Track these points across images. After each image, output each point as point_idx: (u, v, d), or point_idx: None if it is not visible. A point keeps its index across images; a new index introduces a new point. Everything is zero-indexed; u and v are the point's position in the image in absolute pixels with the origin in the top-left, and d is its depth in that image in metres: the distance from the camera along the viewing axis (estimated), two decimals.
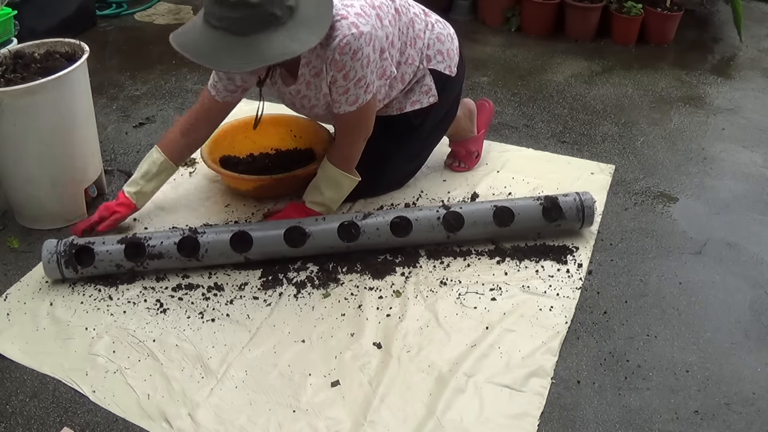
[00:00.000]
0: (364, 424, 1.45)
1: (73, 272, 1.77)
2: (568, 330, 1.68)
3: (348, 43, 1.68)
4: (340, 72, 1.73)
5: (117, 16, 3.69)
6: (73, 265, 1.76)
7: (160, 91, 2.89)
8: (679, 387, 1.55)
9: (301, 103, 1.94)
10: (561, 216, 1.91)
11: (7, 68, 1.92)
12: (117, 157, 2.40)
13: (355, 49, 1.69)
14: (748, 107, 2.81)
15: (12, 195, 2.03)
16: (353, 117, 1.84)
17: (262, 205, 2.11)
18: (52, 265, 1.75)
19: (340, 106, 1.82)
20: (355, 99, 1.79)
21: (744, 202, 2.19)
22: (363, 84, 1.77)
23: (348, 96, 1.79)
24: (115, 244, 1.80)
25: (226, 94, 1.91)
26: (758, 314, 1.76)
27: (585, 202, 1.93)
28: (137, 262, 1.79)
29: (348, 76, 1.74)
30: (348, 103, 1.80)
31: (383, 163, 2.06)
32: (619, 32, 3.38)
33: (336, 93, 1.79)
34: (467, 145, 2.27)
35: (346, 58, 1.70)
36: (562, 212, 1.91)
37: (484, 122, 2.33)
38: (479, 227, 1.90)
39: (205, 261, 1.82)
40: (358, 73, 1.74)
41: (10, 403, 1.51)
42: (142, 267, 1.80)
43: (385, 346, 1.63)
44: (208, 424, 1.45)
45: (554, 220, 1.91)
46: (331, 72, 1.74)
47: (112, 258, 1.78)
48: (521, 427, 1.45)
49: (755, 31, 3.58)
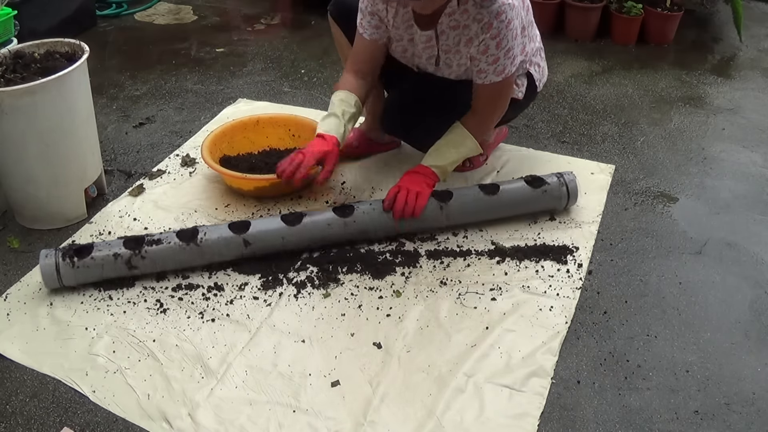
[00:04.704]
0: (364, 424, 1.45)
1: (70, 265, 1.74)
2: (568, 330, 1.68)
3: (504, 11, 1.74)
4: (494, 39, 1.77)
5: (117, 16, 3.69)
6: (70, 257, 1.74)
7: (160, 91, 2.89)
8: (679, 387, 1.55)
9: (421, 52, 1.94)
10: (544, 182, 2.01)
11: (7, 68, 1.92)
12: (117, 157, 2.40)
13: (509, 18, 1.76)
14: (748, 107, 2.81)
15: (12, 195, 2.03)
16: (497, 88, 1.87)
17: (262, 205, 2.11)
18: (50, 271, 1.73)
19: (486, 76, 1.85)
20: (503, 69, 1.83)
21: (744, 202, 2.19)
22: (511, 55, 1.82)
23: (497, 66, 1.82)
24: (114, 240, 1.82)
25: (372, 31, 1.92)
26: (758, 314, 1.76)
27: (566, 176, 2.04)
28: (135, 250, 1.77)
29: (500, 44, 1.78)
30: (495, 73, 1.83)
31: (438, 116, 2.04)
32: (619, 32, 3.38)
33: (485, 62, 1.82)
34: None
35: (501, 25, 1.75)
36: (544, 180, 2.01)
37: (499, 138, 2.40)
38: (469, 197, 1.98)
39: (204, 246, 1.81)
40: (509, 43, 1.79)
41: (10, 403, 1.51)
42: (140, 255, 1.78)
43: (385, 346, 1.63)
44: (208, 424, 1.45)
45: (539, 186, 2.00)
46: (482, 37, 1.78)
47: (111, 247, 1.78)
48: (521, 427, 1.45)
49: (755, 31, 3.58)
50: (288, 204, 2.11)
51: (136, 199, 2.16)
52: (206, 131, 2.49)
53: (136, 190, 2.20)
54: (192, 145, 2.44)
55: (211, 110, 2.72)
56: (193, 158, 2.35)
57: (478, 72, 1.86)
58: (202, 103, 2.78)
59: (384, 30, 1.92)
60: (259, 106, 2.72)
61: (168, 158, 2.38)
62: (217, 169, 2.09)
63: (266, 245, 1.85)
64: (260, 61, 3.18)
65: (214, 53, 3.27)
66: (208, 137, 2.23)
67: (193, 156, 2.37)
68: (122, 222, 2.05)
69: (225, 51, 3.30)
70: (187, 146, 2.45)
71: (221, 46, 3.35)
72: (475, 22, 1.78)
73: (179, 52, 3.27)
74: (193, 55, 3.24)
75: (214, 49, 3.31)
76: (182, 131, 2.57)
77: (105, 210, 2.11)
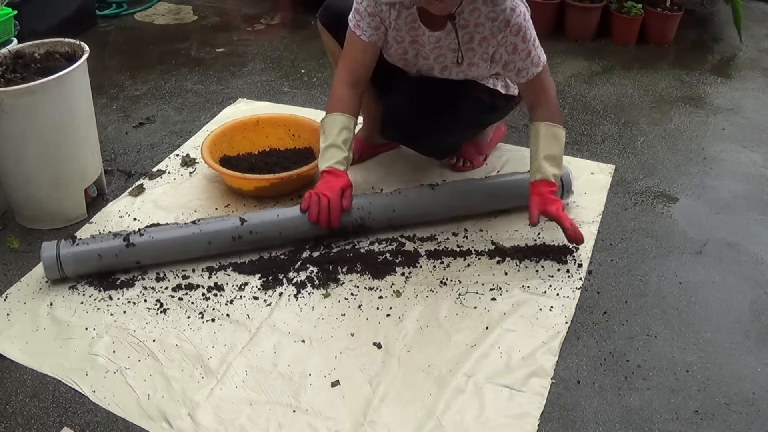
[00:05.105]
0: (364, 424, 1.45)
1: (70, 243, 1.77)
2: (568, 330, 1.68)
3: (517, 5, 1.77)
4: (518, 35, 1.79)
5: (117, 16, 3.69)
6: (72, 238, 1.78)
7: (160, 91, 2.89)
8: (679, 387, 1.55)
9: (428, 53, 1.92)
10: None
11: (7, 68, 1.92)
12: (117, 157, 2.40)
13: (523, 11, 1.79)
14: (748, 107, 2.81)
15: (12, 195, 2.03)
16: (541, 78, 1.88)
17: (262, 205, 2.11)
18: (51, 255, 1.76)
19: (528, 72, 1.85)
20: (538, 59, 1.85)
21: (744, 202, 2.19)
22: (537, 44, 1.84)
23: (532, 57, 1.83)
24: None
25: (371, 32, 1.89)
26: (758, 314, 1.76)
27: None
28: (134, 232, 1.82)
29: (526, 37, 1.80)
30: (534, 64, 1.85)
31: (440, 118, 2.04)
32: (619, 32, 3.38)
33: (521, 60, 1.83)
34: (479, 146, 2.28)
35: (519, 19, 1.78)
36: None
37: (498, 136, 2.39)
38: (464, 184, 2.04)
39: (202, 225, 1.84)
40: (532, 33, 1.82)
41: (10, 403, 1.51)
42: (138, 233, 1.81)
43: (385, 346, 1.63)
44: (208, 424, 1.45)
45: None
46: (500, 36, 1.79)
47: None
48: (521, 427, 1.45)
49: (755, 31, 3.58)
50: (288, 204, 2.11)
51: (136, 199, 2.16)
52: (206, 131, 2.49)
53: (136, 190, 2.20)
54: (192, 145, 2.44)
55: (211, 110, 2.72)
56: (193, 158, 2.35)
57: (518, 72, 1.85)
58: (202, 103, 2.78)
59: (382, 31, 1.91)
60: (259, 106, 2.72)
61: (168, 158, 2.38)
62: (217, 169, 2.09)
63: (264, 225, 1.87)
64: (260, 61, 3.18)
65: (214, 53, 3.27)
66: (208, 137, 2.23)
67: (193, 156, 2.37)
68: (122, 222, 2.05)
69: (225, 51, 3.30)
70: (187, 146, 2.45)
71: (221, 46, 3.35)
72: (488, 21, 1.78)
73: (179, 52, 3.27)
74: (193, 55, 3.24)
75: (214, 49, 3.31)
76: (182, 131, 2.57)
77: (105, 210, 2.11)
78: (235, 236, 1.85)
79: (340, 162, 1.89)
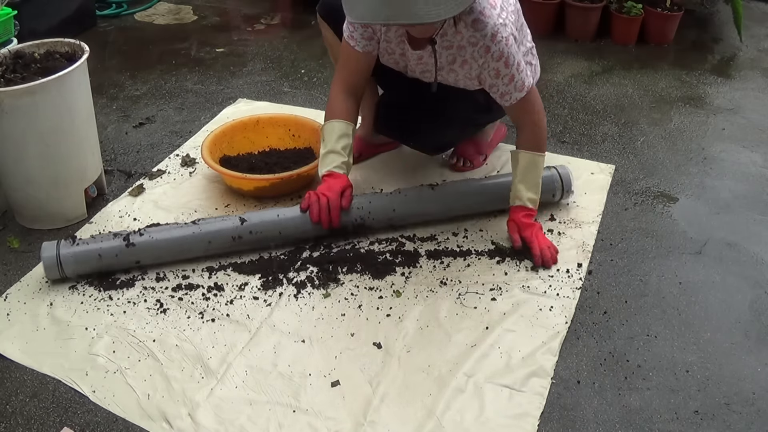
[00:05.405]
0: (364, 424, 1.45)
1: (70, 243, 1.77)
2: (568, 330, 1.69)
3: (498, 32, 1.74)
4: (500, 60, 1.77)
5: (117, 16, 3.69)
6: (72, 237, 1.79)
7: (160, 91, 2.89)
8: (679, 387, 1.55)
9: (414, 66, 1.93)
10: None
11: (7, 68, 1.92)
12: (117, 157, 2.40)
13: (505, 36, 1.75)
14: (748, 107, 2.81)
15: (12, 195, 2.03)
16: (527, 101, 1.86)
17: (262, 205, 2.11)
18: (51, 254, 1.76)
19: (511, 96, 1.84)
20: (522, 83, 1.82)
21: (744, 202, 2.19)
22: (521, 68, 1.81)
23: (515, 82, 1.81)
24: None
25: (365, 43, 1.89)
26: (758, 314, 1.76)
27: (558, 168, 2.07)
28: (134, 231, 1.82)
29: (508, 62, 1.78)
30: (517, 89, 1.82)
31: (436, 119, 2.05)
32: (619, 32, 3.38)
33: (503, 84, 1.82)
34: (479, 146, 2.28)
35: (501, 45, 1.75)
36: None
37: (498, 137, 2.39)
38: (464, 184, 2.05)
39: (201, 224, 1.84)
40: (515, 58, 1.78)
41: (10, 403, 1.51)
42: (138, 232, 1.81)
43: (385, 346, 1.63)
44: (208, 424, 1.45)
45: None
46: (481, 61, 1.78)
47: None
48: (521, 427, 1.45)
49: (755, 31, 3.58)
50: (288, 204, 2.11)
51: (136, 199, 2.16)
52: (206, 131, 2.49)
53: (136, 190, 2.20)
54: (192, 145, 2.44)
55: (211, 110, 2.72)
56: (193, 158, 2.35)
57: (501, 96, 1.85)
58: (202, 103, 2.78)
59: (376, 41, 1.91)
60: (259, 106, 2.72)
61: (168, 158, 2.38)
62: (217, 169, 2.09)
63: (264, 225, 1.87)
64: (260, 61, 3.18)
65: (214, 53, 3.27)
66: (208, 137, 2.23)
67: (193, 156, 2.37)
68: (122, 222, 2.05)
69: (225, 51, 3.30)
70: (187, 146, 2.45)
71: (221, 46, 3.35)
72: (470, 45, 1.77)
73: (179, 52, 3.27)
74: (193, 55, 3.24)
75: (214, 49, 3.31)
76: (182, 131, 2.57)
77: (105, 210, 2.11)
78: (235, 236, 1.85)
79: (340, 166, 1.90)
